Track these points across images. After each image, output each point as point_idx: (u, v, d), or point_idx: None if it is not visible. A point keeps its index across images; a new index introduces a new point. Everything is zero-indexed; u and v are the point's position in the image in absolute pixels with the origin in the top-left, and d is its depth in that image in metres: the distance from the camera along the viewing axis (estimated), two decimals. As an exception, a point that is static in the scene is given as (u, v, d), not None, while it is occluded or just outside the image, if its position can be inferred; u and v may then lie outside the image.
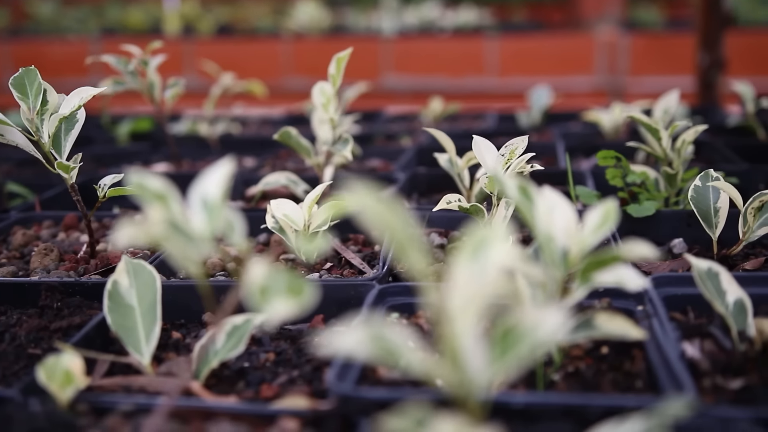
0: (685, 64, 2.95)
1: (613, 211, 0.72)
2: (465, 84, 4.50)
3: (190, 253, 0.63)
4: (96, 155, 2.03)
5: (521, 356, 0.51)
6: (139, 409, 0.76)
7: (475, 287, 0.49)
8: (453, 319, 0.50)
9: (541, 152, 1.83)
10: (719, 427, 0.69)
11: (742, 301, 0.84)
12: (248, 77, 2.24)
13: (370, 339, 0.49)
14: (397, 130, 2.31)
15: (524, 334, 0.51)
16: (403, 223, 0.52)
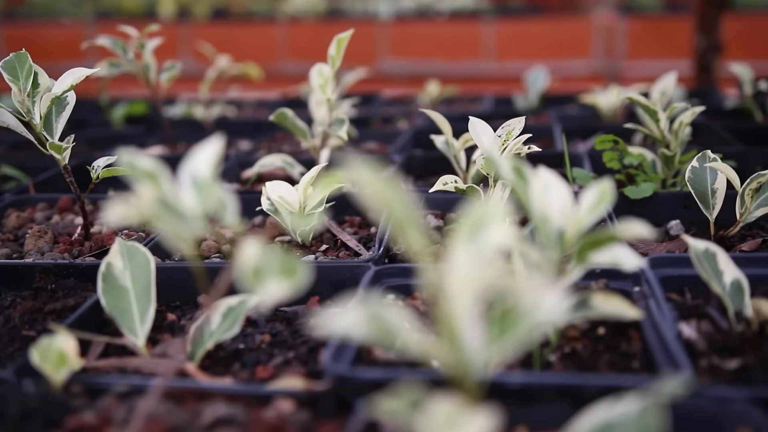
0: (683, 47, 2.94)
1: (609, 190, 0.72)
2: (462, 68, 4.48)
3: (181, 231, 0.62)
4: (90, 138, 2.02)
5: (520, 336, 0.50)
6: (134, 390, 0.75)
7: (473, 267, 0.48)
8: (451, 299, 0.50)
9: (538, 135, 1.83)
10: (716, 407, 0.68)
11: (739, 281, 0.84)
12: (244, 61, 2.22)
13: (366, 319, 0.48)
14: (394, 113, 2.30)
15: (523, 315, 0.50)
16: (401, 200, 0.51)
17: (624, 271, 0.93)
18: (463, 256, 0.52)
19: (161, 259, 1.13)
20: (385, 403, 0.50)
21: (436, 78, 2.49)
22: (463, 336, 0.51)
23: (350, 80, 2.19)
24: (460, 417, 0.47)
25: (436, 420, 0.46)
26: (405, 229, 0.53)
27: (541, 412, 0.72)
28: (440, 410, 0.48)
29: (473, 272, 0.50)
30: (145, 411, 0.66)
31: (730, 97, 2.31)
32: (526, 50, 4.43)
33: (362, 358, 0.83)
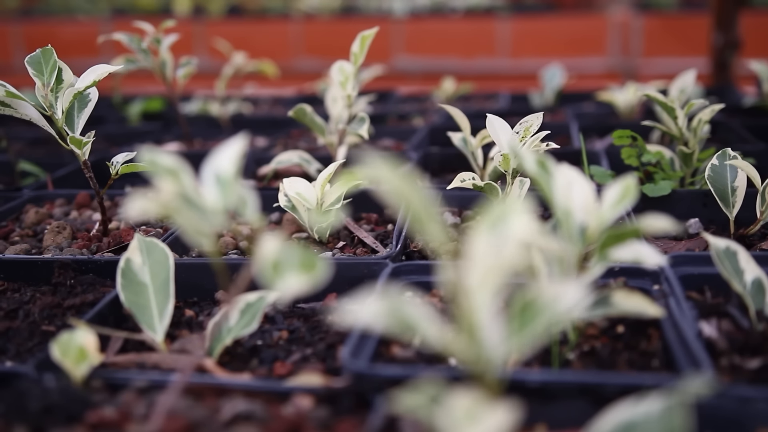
0: (699, 45, 2.92)
1: (632, 187, 0.71)
2: (476, 65, 4.47)
3: (202, 226, 0.62)
4: (108, 134, 2.03)
5: (539, 330, 0.50)
6: (153, 385, 0.75)
7: (493, 260, 0.48)
8: (471, 293, 0.50)
9: (555, 132, 1.81)
10: (737, 406, 0.68)
11: (760, 280, 0.83)
12: (259, 58, 2.22)
13: (387, 312, 0.48)
14: (409, 110, 2.30)
15: (543, 308, 0.50)
16: (420, 196, 0.51)
17: (644, 268, 0.92)
18: (484, 248, 0.52)
19: (179, 255, 1.13)
20: (405, 399, 0.50)
21: (450, 75, 2.48)
22: (482, 330, 0.51)
23: (366, 77, 2.19)
24: (480, 411, 0.47)
25: (456, 414, 0.46)
26: (424, 225, 0.53)
27: (560, 411, 0.72)
28: (460, 404, 0.48)
29: (494, 264, 0.49)
30: (165, 406, 0.66)
31: (749, 95, 2.29)
32: (541, 48, 4.41)
33: (381, 355, 0.83)
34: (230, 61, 2.14)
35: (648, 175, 1.30)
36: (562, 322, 0.49)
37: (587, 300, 0.76)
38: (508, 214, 0.51)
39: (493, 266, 0.49)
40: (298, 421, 0.68)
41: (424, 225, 0.53)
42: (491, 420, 0.47)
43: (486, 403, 0.49)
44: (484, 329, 0.52)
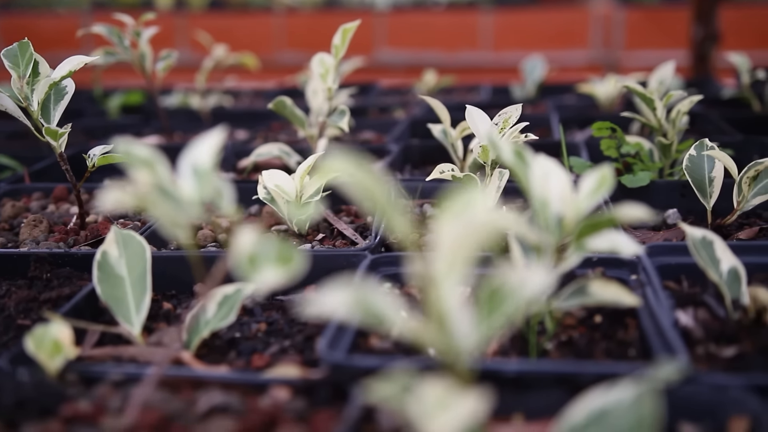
0: (680, 37, 2.93)
1: (609, 176, 0.71)
2: (459, 58, 4.47)
3: (178, 218, 0.62)
4: (86, 128, 2.01)
5: (508, 315, 0.50)
6: (129, 378, 0.75)
7: (459, 247, 0.48)
8: (438, 281, 0.50)
9: (536, 124, 1.82)
10: (712, 394, 0.68)
11: (736, 269, 0.84)
12: (240, 51, 2.21)
13: (353, 302, 0.48)
14: (391, 102, 2.29)
15: (511, 293, 0.50)
16: (384, 189, 0.51)
17: (621, 259, 0.93)
18: (449, 237, 0.52)
19: (157, 248, 1.12)
20: (377, 388, 0.50)
21: (433, 68, 2.48)
22: (451, 318, 0.51)
23: (347, 70, 2.18)
24: (451, 399, 0.47)
25: (427, 402, 0.46)
26: (391, 219, 0.52)
27: (537, 400, 0.72)
28: (431, 393, 0.48)
29: (459, 253, 0.49)
30: (140, 399, 0.66)
31: (728, 87, 2.31)
32: (524, 40, 4.42)
33: (359, 346, 0.83)
34: (211, 54, 2.13)
35: (627, 166, 1.30)
36: (532, 308, 0.49)
37: (559, 285, 0.76)
38: (475, 200, 0.51)
39: (459, 253, 0.48)
40: (274, 412, 0.68)
41: (391, 219, 0.53)
42: (462, 408, 0.47)
43: (457, 392, 0.49)
44: (452, 317, 0.52)
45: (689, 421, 0.69)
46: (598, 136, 1.29)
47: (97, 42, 1.75)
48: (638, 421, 0.52)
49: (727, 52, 1.94)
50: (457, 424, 0.45)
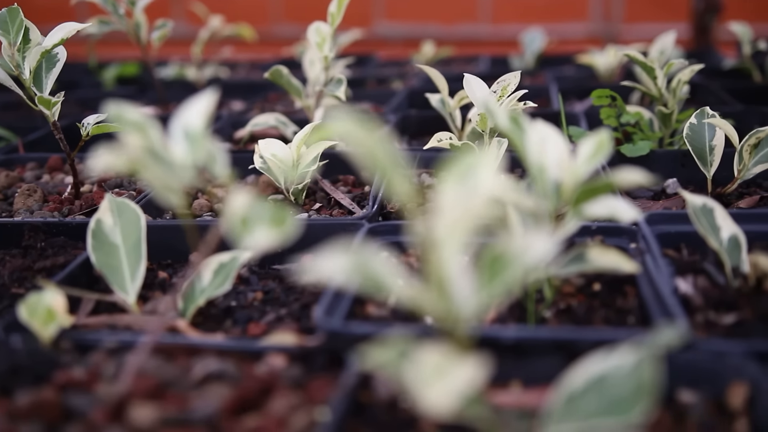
0: (680, 10, 2.90)
1: (606, 140, 0.70)
2: (458, 31, 4.43)
3: (170, 182, 0.61)
4: (81, 99, 1.99)
5: (509, 282, 0.49)
6: (124, 346, 0.74)
7: (461, 211, 0.47)
8: (439, 245, 0.49)
9: (535, 95, 1.80)
10: (711, 361, 0.68)
11: (736, 237, 0.83)
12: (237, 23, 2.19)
13: (352, 266, 0.47)
14: (389, 74, 2.27)
15: (512, 260, 0.49)
16: (387, 150, 0.50)
17: (621, 227, 0.92)
18: (451, 200, 0.51)
19: (153, 217, 1.11)
20: (373, 354, 0.49)
21: (431, 41, 2.45)
22: (451, 283, 0.50)
23: (345, 42, 2.16)
24: (449, 366, 0.46)
25: (424, 369, 0.45)
26: (393, 182, 0.51)
27: (535, 367, 0.72)
28: (429, 359, 0.47)
29: (462, 215, 0.48)
30: (134, 366, 0.65)
31: (729, 58, 2.29)
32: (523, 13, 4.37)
33: (356, 314, 0.83)
34: (207, 25, 2.10)
35: (627, 136, 1.29)
36: (533, 275, 0.48)
37: (558, 252, 0.75)
38: (477, 165, 0.50)
39: (462, 217, 0.47)
40: (270, 379, 0.67)
41: (393, 183, 0.51)
42: (460, 374, 0.46)
43: (455, 358, 0.48)
44: (453, 282, 0.51)
45: (688, 387, 0.69)
46: (597, 104, 1.28)
47: (92, 11, 1.72)
48: (638, 387, 0.52)
49: (728, 23, 1.92)
50: (454, 391, 0.44)
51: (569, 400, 0.53)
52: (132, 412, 0.61)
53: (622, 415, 0.50)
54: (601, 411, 0.51)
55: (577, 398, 0.53)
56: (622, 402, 0.51)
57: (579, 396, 0.53)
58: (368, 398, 0.69)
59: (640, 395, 0.51)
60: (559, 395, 0.54)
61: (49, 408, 0.63)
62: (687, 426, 0.65)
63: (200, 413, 0.62)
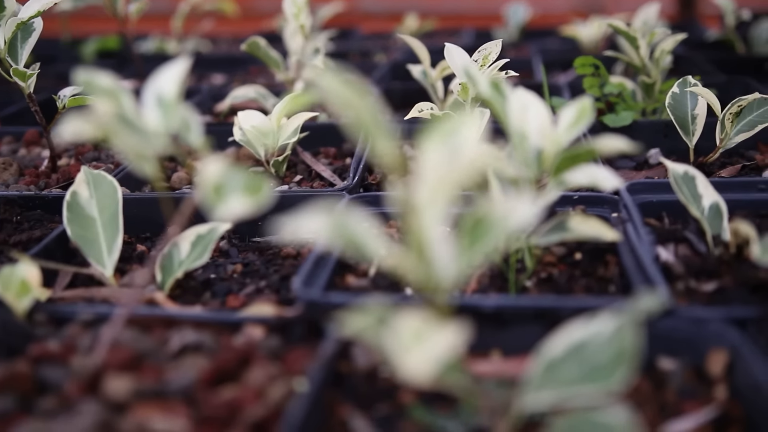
0: (666, -18, 2.89)
1: (588, 107, 0.69)
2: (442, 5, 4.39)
3: (143, 149, 0.59)
4: (60, 73, 1.96)
5: (490, 247, 0.48)
6: (100, 318, 0.73)
7: (444, 173, 0.46)
8: (420, 210, 0.48)
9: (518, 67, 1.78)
10: (691, 328, 0.68)
11: (717, 205, 0.83)
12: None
13: (331, 226, 0.46)
14: (372, 47, 2.25)
15: (494, 224, 0.48)
16: (367, 103, 0.49)
17: (602, 196, 0.91)
18: (433, 162, 0.49)
19: (131, 190, 1.10)
20: (352, 321, 0.48)
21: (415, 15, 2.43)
22: (432, 249, 0.49)
23: (327, 14, 2.14)
24: (428, 332, 0.45)
25: (403, 334, 0.44)
26: (377, 144, 0.50)
27: (515, 336, 0.71)
28: (407, 325, 0.46)
29: (444, 179, 0.47)
30: (108, 338, 0.64)
31: (712, 30, 2.28)
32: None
33: (335, 285, 0.82)
34: (186, -2, 2.07)
35: (609, 106, 1.28)
36: (514, 241, 0.47)
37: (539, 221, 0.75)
38: (459, 128, 0.49)
39: (444, 179, 0.46)
40: (248, 351, 0.66)
41: (376, 143, 0.50)
42: (439, 340, 0.45)
43: (435, 325, 0.47)
44: (433, 248, 0.50)
45: (668, 355, 0.68)
46: (580, 73, 1.27)
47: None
48: (617, 353, 0.51)
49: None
50: (433, 358, 0.44)
51: (548, 367, 0.53)
52: (107, 384, 0.61)
53: (601, 382, 0.50)
54: (580, 378, 0.51)
55: (557, 365, 0.53)
56: (602, 369, 0.50)
57: (558, 363, 0.53)
58: (347, 368, 0.69)
59: (620, 362, 0.50)
60: (539, 363, 0.54)
61: (22, 380, 0.62)
62: (667, 393, 0.65)
63: (176, 385, 0.61)
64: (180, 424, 0.57)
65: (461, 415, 0.61)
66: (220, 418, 0.58)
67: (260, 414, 0.58)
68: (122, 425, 0.56)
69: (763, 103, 1.04)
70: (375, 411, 0.64)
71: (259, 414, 0.58)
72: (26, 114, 1.51)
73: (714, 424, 0.61)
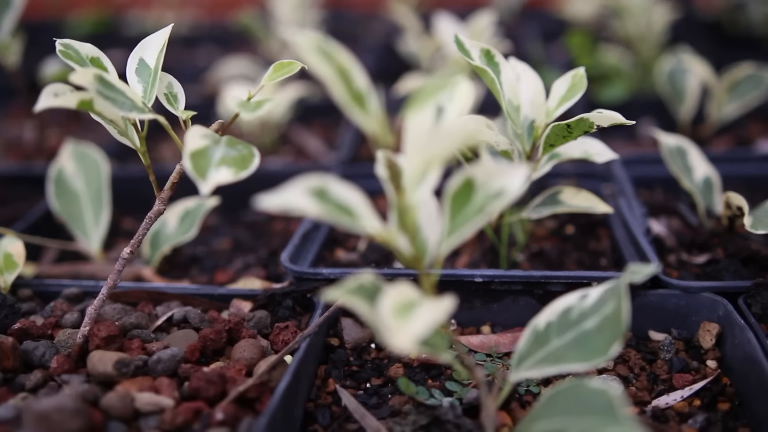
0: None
1: (581, 78, 0.68)
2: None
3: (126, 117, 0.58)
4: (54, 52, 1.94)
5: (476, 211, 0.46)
6: (86, 293, 0.72)
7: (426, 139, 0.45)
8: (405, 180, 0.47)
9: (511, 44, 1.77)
10: (682, 299, 0.67)
11: (709, 177, 0.82)
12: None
13: (315, 190, 0.45)
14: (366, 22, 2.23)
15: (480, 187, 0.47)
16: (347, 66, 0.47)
17: (595, 170, 0.91)
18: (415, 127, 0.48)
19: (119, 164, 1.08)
20: (341, 290, 0.47)
21: None
22: (417, 219, 0.48)
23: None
24: (413, 307, 0.44)
25: (388, 310, 0.43)
26: (352, 105, 0.47)
27: (506, 310, 0.70)
28: (392, 300, 0.44)
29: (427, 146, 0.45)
30: (94, 312, 0.63)
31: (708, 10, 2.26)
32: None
33: (325, 259, 0.81)
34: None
35: (603, 79, 1.27)
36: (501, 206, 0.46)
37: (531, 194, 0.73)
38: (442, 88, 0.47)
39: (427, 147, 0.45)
40: (235, 324, 0.66)
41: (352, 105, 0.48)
42: (423, 316, 0.44)
43: (419, 300, 0.46)
44: (419, 219, 0.49)
45: (660, 327, 0.68)
46: (574, 47, 1.26)
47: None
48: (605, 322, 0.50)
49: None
50: (417, 333, 0.42)
51: (536, 337, 0.52)
52: (92, 360, 0.60)
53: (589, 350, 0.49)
54: (568, 347, 0.50)
55: (544, 335, 0.52)
56: (590, 337, 0.49)
57: (545, 333, 0.52)
58: (337, 342, 0.68)
59: (608, 331, 0.50)
60: (527, 333, 0.53)
61: (7, 355, 0.61)
62: (658, 364, 0.64)
63: (163, 359, 0.60)
64: (166, 399, 0.56)
65: (450, 387, 0.61)
66: (208, 392, 0.57)
67: (248, 388, 0.57)
68: (108, 400, 0.55)
69: (756, 78, 1.03)
70: (364, 384, 0.63)
71: (246, 388, 0.57)
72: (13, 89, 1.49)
73: (704, 395, 0.60)
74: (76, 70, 0.53)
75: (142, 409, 0.56)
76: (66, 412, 0.51)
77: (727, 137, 1.13)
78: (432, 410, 0.57)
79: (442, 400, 0.59)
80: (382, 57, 1.79)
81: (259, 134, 1.10)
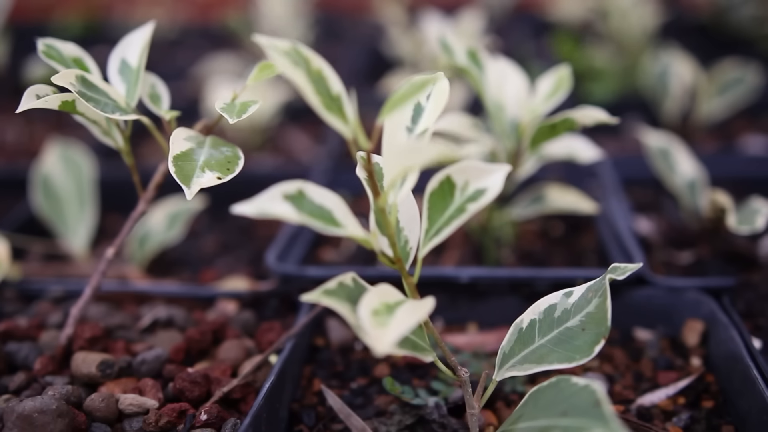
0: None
1: (567, 77, 0.68)
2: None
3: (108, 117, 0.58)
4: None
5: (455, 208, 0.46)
6: (70, 294, 0.72)
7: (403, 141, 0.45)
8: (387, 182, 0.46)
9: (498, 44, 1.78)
10: (668, 298, 0.67)
11: (695, 177, 0.82)
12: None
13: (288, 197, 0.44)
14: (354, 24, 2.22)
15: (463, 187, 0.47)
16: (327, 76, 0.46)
17: (580, 166, 0.91)
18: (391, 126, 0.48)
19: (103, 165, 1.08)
20: (321, 292, 0.47)
21: None
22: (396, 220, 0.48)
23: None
24: (392, 309, 0.44)
25: (368, 312, 0.43)
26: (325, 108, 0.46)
27: (492, 309, 0.70)
28: (372, 302, 0.44)
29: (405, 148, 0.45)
30: (77, 314, 0.62)
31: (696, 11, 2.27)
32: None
33: (310, 259, 0.81)
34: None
35: (589, 78, 1.27)
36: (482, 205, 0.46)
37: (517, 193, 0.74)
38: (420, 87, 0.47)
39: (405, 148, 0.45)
40: (221, 325, 0.65)
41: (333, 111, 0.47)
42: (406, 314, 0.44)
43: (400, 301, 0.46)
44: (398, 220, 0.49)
45: (645, 325, 0.68)
46: (560, 46, 1.26)
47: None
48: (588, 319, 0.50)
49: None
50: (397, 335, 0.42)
51: (520, 336, 0.52)
52: (76, 360, 0.59)
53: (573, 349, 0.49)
54: (552, 345, 0.50)
55: (528, 334, 0.52)
56: (574, 335, 0.49)
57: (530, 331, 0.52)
58: (321, 342, 0.68)
59: (592, 329, 0.50)
60: (512, 332, 0.53)
61: (-11, 357, 0.60)
62: (643, 362, 0.64)
63: (147, 360, 0.60)
64: (150, 400, 0.56)
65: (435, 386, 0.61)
66: (192, 393, 0.57)
67: (232, 389, 0.57)
68: (91, 402, 0.55)
69: (741, 79, 1.03)
70: (350, 383, 0.63)
71: (231, 389, 0.57)
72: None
73: (689, 392, 0.60)
74: (58, 72, 0.53)
75: (125, 410, 0.55)
76: (49, 414, 0.51)
77: (714, 134, 1.14)
78: (417, 410, 0.57)
79: (428, 399, 0.59)
80: (372, 56, 1.79)
81: (248, 133, 1.10)
